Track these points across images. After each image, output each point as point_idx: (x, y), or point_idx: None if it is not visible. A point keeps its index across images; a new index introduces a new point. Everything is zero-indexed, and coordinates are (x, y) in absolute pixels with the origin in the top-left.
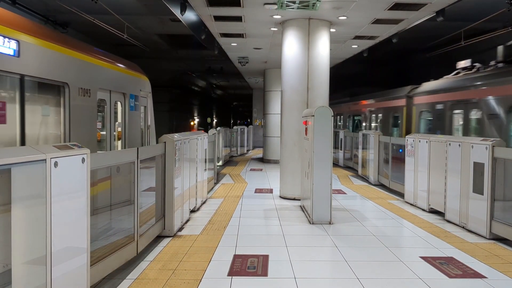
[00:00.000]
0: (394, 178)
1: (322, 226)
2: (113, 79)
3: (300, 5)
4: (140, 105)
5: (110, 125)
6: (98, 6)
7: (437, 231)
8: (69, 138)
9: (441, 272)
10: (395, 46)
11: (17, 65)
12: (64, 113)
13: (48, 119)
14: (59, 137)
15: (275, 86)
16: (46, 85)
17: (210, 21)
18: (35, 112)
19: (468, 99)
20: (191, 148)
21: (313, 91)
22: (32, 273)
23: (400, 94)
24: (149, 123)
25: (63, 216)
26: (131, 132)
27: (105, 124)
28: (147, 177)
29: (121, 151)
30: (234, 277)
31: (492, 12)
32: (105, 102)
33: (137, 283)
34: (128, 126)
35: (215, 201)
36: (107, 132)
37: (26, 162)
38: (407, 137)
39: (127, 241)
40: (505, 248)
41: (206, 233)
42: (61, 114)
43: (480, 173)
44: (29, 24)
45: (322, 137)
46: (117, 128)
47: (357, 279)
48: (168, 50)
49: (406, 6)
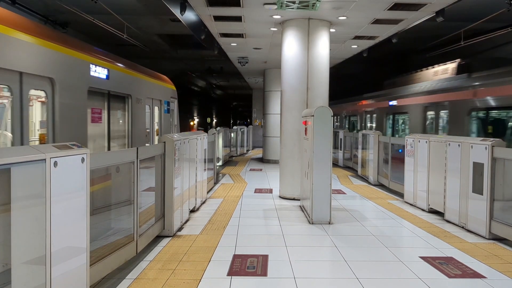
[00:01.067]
0: (394, 178)
1: (322, 226)
2: (154, 89)
3: (300, 5)
4: (170, 109)
5: (152, 124)
6: (98, 6)
7: (436, 231)
8: (131, 133)
9: (440, 272)
10: (395, 46)
11: (107, 84)
12: (128, 115)
13: (120, 119)
14: (126, 132)
15: (275, 86)
16: (119, 97)
17: (210, 21)
18: (114, 114)
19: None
20: (190, 148)
21: (312, 91)
22: (31, 272)
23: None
24: (176, 122)
25: (62, 216)
26: (165, 129)
27: (149, 123)
28: (147, 177)
29: (121, 151)
30: (233, 277)
31: (492, 12)
32: (149, 107)
33: (136, 283)
34: (163, 125)
35: (215, 201)
36: (150, 129)
37: (26, 162)
38: (406, 137)
39: (126, 241)
40: (504, 248)
41: (205, 233)
42: (126, 116)
43: (480, 173)
44: (112, 57)
45: (321, 137)
46: (155, 126)
47: (356, 279)
48: (168, 50)
49: (405, 6)
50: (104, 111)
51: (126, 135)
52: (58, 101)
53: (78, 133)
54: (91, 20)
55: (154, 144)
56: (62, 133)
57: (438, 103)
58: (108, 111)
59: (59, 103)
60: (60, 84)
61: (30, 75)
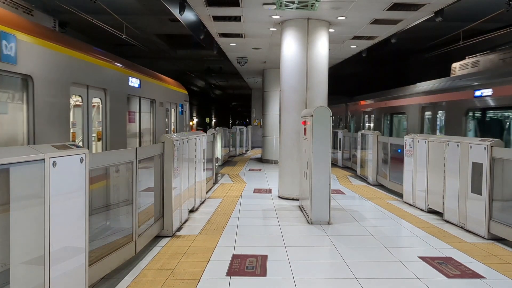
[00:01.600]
0: (393, 178)
1: (321, 226)
2: (172, 94)
3: (299, 5)
4: (183, 110)
5: (169, 123)
6: (97, 6)
7: (435, 231)
8: (155, 131)
9: (439, 272)
10: (394, 47)
11: (139, 92)
12: (153, 116)
13: (148, 120)
14: (151, 130)
15: (274, 86)
16: (148, 101)
17: (209, 21)
18: (144, 116)
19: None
20: (189, 148)
21: (312, 91)
22: (30, 272)
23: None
24: (188, 122)
25: (61, 216)
26: (179, 128)
27: (168, 122)
28: (146, 177)
29: (120, 150)
30: (232, 277)
31: (491, 13)
32: (168, 109)
33: (135, 283)
34: (178, 124)
35: (214, 201)
36: (169, 128)
37: (25, 162)
38: (405, 137)
39: (125, 241)
40: (503, 248)
41: (204, 233)
42: (152, 117)
43: (479, 173)
44: (142, 69)
45: (320, 137)
46: (172, 126)
47: (355, 279)
48: (167, 50)
49: (405, 7)
50: (137, 113)
51: (151, 133)
52: (109, 106)
53: (121, 131)
54: (90, 20)
55: (153, 144)
56: (111, 130)
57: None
58: (139, 113)
59: (109, 108)
60: (110, 93)
61: (93, 87)
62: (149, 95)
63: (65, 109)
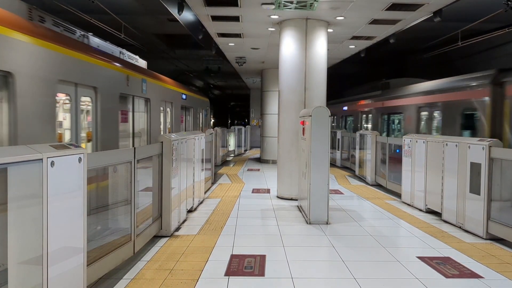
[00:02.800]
0: (391, 178)
1: (319, 226)
2: (203, 103)
3: (297, 5)
4: (207, 113)
5: (201, 122)
6: (95, 6)
7: (434, 231)
8: (197, 127)
9: (438, 272)
10: (392, 47)
11: (184, 102)
12: (191, 119)
13: (190, 121)
14: (196, 126)
15: (273, 86)
16: (189, 108)
17: (208, 21)
18: (188, 117)
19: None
20: (188, 148)
21: (310, 91)
22: (28, 273)
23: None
24: (209, 122)
25: (59, 216)
26: (205, 125)
27: (200, 122)
28: (144, 177)
29: (118, 150)
30: (231, 277)
31: (489, 13)
32: (200, 113)
33: (133, 283)
34: (205, 123)
35: (213, 201)
36: (202, 125)
37: (23, 162)
38: (404, 137)
39: (124, 241)
40: (501, 248)
41: (203, 233)
42: (194, 118)
43: (477, 173)
44: (186, 88)
45: (319, 137)
46: (202, 123)
47: (354, 279)
48: (166, 50)
49: (403, 7)
50: (185, 116)
51: (198, 128)
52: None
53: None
54: (89, 20)
55: (152, 144)
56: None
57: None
58: (185, 115)
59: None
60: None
61: (168, 101)
62: (191, 105)
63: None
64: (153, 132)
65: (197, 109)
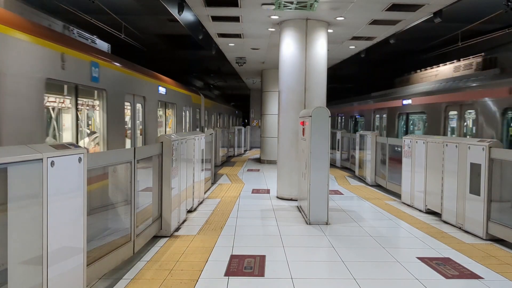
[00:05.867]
0: (391, 179)
1: (319, 226)
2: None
3: (297, 5)
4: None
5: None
6: (95, 6)
7: (433, 232)
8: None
9: (437, 273)
10: (392, 47)
11: (202, 108)
12: (174, 119)
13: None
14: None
15: (273, 86)
16: (222, 114)
17: (208, 21)
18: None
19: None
20: (188, 149)
21: (310, 91)
22: (28, 272)
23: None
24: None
25: (59, 215)
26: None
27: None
28: (144, 177)
29: (119, 150)
30: (231, 277)
31: (489, 14)
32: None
33: (133, 283)
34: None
35: (212, 202)
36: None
37: (23, 162)
38: (404, 138)
39: (123, 241)
40: (501, 249)
41: (203, 233)
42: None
43: (477, 174)
44: (219, 100)
45: (319, 137)
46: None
47: (353, 279)
48: (166, 51)
49: (403, 7)
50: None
51: (227, 125)
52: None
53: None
54: (89, 20)
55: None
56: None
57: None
58: (215, 117)
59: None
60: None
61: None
62: (222, 111)
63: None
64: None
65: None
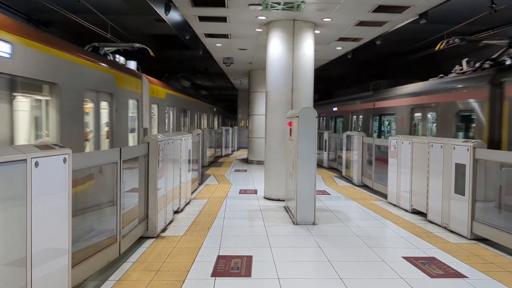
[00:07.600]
0: (378, 179)
1: (306, 226)
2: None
3: (285, 6)
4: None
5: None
6: (81, 5)
7: (419, 232)
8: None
9: (423, 272)
10: (379, 48)
11: (215, 113)
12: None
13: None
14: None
15: (260, 87)
16: (228, 116)
17: (195, 21)
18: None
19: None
20: (174, 149)
21: (297, 92)
22: (12, 274)
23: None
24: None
25: (44, 216)
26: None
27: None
28: (130, 178)
29: (104, 151)
30: (217, 278)
31: (474, 15)
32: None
33: (119, 284)
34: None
35: (199, 202)
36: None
37: (6, 162)
38: (390, 138)
39: (109, 242)
40: (486, 248)
41: (189, 234)
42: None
43: (462, 174)
44: (222, 111)
45: (306, 138)
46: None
47: (340, 279)
48: (153, 51)
49: (389, 9)
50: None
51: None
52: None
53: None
54: (75, 19)
55: (138, 144)
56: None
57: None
58: (217, 118)
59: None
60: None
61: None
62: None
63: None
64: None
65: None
